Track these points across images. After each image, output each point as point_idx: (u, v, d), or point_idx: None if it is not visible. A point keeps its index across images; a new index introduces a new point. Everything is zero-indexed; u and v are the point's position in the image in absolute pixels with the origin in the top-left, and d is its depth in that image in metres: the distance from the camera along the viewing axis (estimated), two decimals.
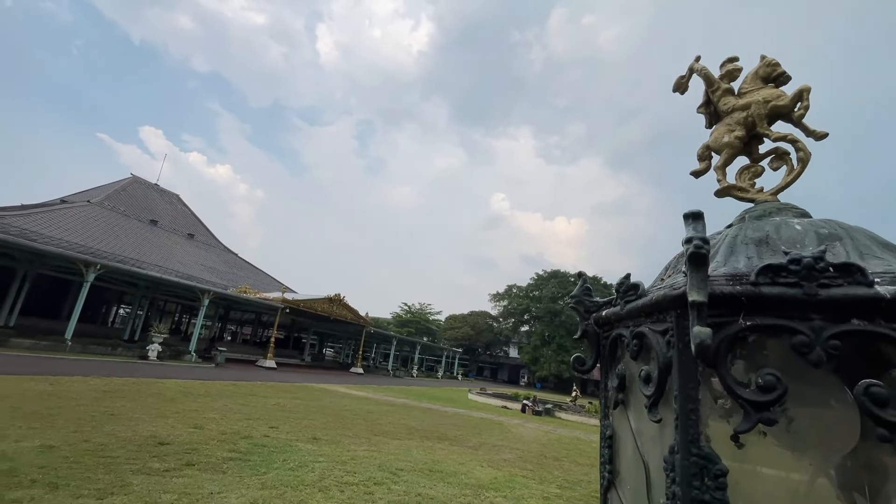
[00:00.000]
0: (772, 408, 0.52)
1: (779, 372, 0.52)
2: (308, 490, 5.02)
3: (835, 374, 0.53)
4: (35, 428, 5.99)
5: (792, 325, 0.53)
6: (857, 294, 0.51)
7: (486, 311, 70.99)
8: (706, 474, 0.53)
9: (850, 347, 0.50)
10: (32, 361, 13.80)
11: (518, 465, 8.22)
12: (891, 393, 0.47)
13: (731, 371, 0.55)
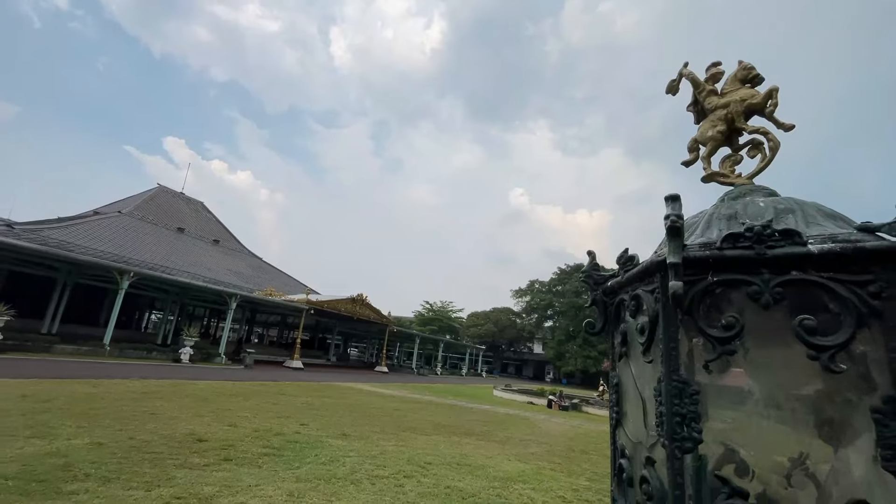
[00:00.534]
0: (732, 342, 0.68)
1: (738, 314, 0.67)
2: (340, 483, 5.17)
3: (781, 314, 0.68)
4: (84, 427, 6.32)
5: (747, 279, 0.69)
6: (794, 252, 0.66)
7: (508, 308, 70.74)
8: (684, 394, 0.68)
9: (792, 293, 0.66)
10: (76, 366, 14.49)
11: (546, 458, 8.23)
12: (818, 324, 0.63)
13: (702, 316, 0.72)
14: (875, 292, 0.60)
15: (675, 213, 0.75)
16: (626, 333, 0.85)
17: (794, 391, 0.69)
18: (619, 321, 0.86)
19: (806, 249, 0.64)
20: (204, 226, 47.01)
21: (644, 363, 0.79)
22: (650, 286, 0.78)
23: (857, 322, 0.61)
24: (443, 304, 76.48)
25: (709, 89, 1.00)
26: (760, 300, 0.66)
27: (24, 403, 7.48)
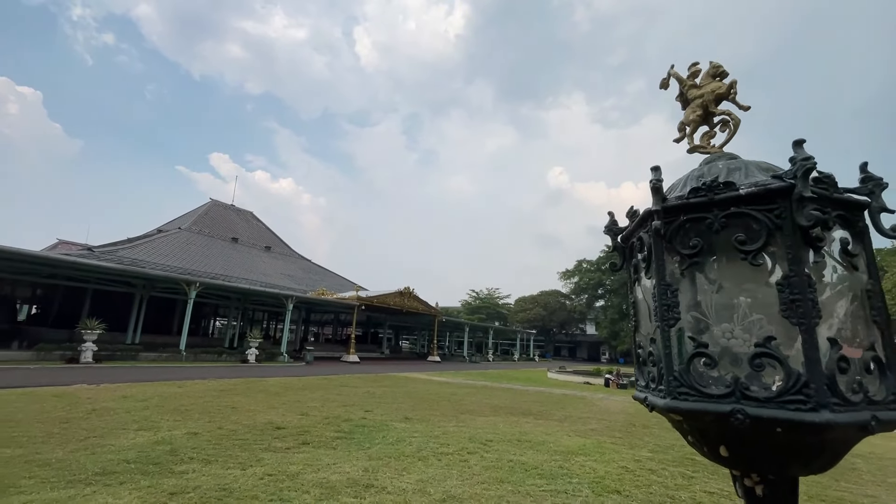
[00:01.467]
0: (696, 255, 1.00)
1: (699, 239, 1.00)
2: (409, 460, 5.51)
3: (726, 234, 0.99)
4: (179, 420, 7.07)
5: (704, 215, 1.00)
6: (731, 195, 0.96)
7: (556, 290, 69.73)
8: (668, 291, 1.00)
9: (732, 221, 0.97)
10: (160, 371, 15.94)
11: (606, 433, 8.25)
12: (746, 237, 0.92)
13: (679, 242, 1.03)
14: (777, 214, 0.90)
15: (655, 178, 1.09)
16: (636, 265, 1.10)
17: (735, 281, 0.99)
18: (632, 258, 1.10)
19: (737, 193, 0.95)
20: (255, 234, 49.55)
21: (646, 281, 1.13)
22: (646, 229, 1.11)
23: (767, 234, 0.91)
24: (489, 292, 76.59)
25: (689, 84, 1.22)
26: (713, 228, 0.99)
27: (126, 403, 8.43)
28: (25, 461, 4.59)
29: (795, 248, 0.84)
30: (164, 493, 3.90)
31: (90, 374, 13.15)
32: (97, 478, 4.21)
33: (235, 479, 4.40)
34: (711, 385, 0.83)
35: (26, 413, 7.01)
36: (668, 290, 0.95)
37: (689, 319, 0.93)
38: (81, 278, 24.59)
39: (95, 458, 4.80)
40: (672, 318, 0.94)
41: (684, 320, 0.94)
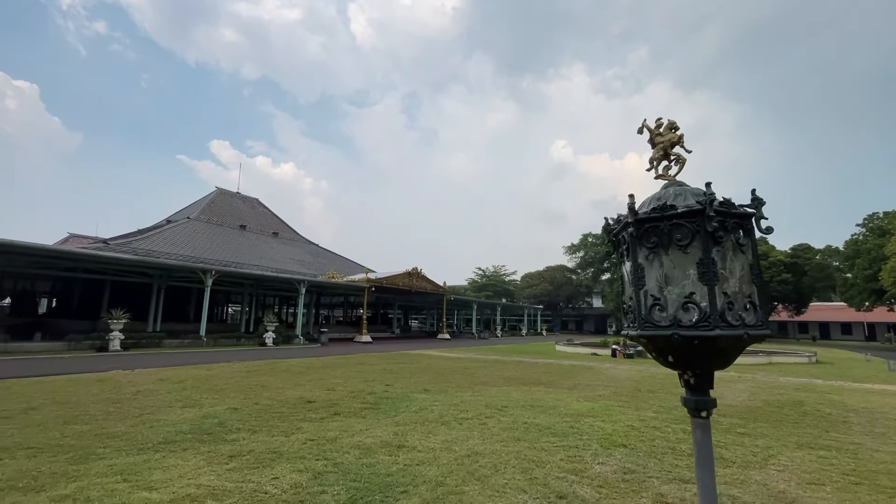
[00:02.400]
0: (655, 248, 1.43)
1: (657, 238, 1.43)
2: (433, 424, 6.06)
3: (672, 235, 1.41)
4: (217, 398, 7.68)
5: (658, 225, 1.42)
6: (673, 213, 1.40)
7: (562, 265, 70.16)
8: (639, 269, 1.48)
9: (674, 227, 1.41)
10: (185, 356, 16.69)
11: (613, 398, 8.78)
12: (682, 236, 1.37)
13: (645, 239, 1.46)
14: (697, 224, 1.33)
15: (631, 202, 1.52)
16: (621, 252, 1.58)
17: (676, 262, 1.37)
18: (618, 248, 1.51)
19: (676, 211, 1.38)
20: (262, 220, 50.00)
21: (627, 262, 1.59)
22: (627, 231, 1.55)
23: (692, 235, 1.33)
24: (495, 269, 77.22)
25: (655, 133, 1.60)
26: (664, 231, 1.40)
27: (164, 385, 9.07)
28: (95, 434, 5.17)
29: (706, 243, 1.23)
30: (223, 456, 4.46)
31: (122, 361, 13.88)
32: (162, 446, 4.78)
33: (282, 444, 4.95)
34: (661, 321, 1.25)
35: (80, 396, 7.64)
36: (639, 269, 1.39)
37: (651, 285, 1.30)
38: (99, 270, 25.30)
39: (155, 431, 5.38)
40: (641, 285, 1.37)
41: (648, 286, 1.32)
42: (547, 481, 3.97)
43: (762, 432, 6.13)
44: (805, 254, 49.12)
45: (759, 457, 4.95)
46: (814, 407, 8.25)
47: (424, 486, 3.76)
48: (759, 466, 4.61)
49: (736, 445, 5.40)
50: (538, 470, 4.27)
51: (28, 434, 5.12)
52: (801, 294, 47.85)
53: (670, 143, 1.54)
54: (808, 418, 7.20)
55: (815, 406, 8.34)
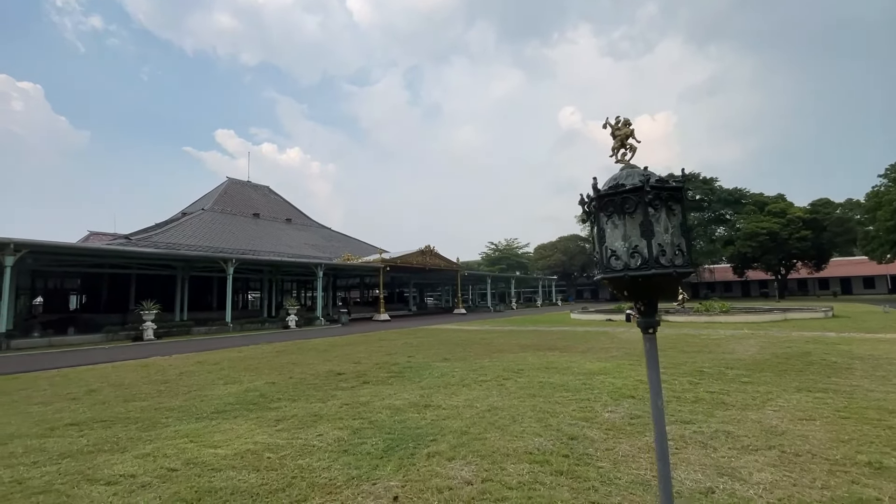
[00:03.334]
0: (611, 215, 1.75)
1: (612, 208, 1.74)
2: (455, 387, 6.57)
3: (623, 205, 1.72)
4: (254, 375, 8.31)
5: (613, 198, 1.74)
6: (623, 189, 1.70)
7: (575, 235, 69.91)
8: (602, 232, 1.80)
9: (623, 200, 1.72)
10: (214, 341, 17.57)
11: (625, 358, 9.20)
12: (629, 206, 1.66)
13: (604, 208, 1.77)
14: (639, 197, 1.62)
15: (594, 182, 1.85)
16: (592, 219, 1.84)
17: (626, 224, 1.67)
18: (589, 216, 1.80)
19: (625, 188, 1.66)
20: (275, 207, 50.69)
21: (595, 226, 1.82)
22: (592, 204, 1.82)
23: (636, 205, 1.61)
24: (508, 243, 77.37)
25: (615, 128, 1.89)
26: (617, 203, 1.69)
27: (203, 367, 9.76)
28: (154, 409, 5.79)
29: (645, 210, 1.52)
30: (271, 420, 5.02)
31: (158, 349, 14.75)
32: (215, 415, 5.36)
33: (320, 409, 5.50)
34: (616, 267, 1.59)
35: (130, 379, 8.34)
36: (601, 231, 1.68)
37: (609, 241, 1.62)
38: (125, 265, 26.31)
39: (206, 403, 5.98)
40: (602, 241, 1.63)
41: (608, 242, 1.62)
42: (560, 427, 4.43)
43: (765, 380, 6.51)
44: (825, 209, 48.11)
45: (757, 401, 5.34)
46: (820, 357, 8.56)
47: (451, 434, 4.25)
48: (757, 408, 5.01)
49: (738, 392, 5.78)
50: (552, 419, 4.73)
51: (97, 410, 5.76)
52: (821, 250, 47.10)
53: (625, 136, 1.85)
54: (813, 367, 7.53)
55: (821, 356, 8.64)
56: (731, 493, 2.93)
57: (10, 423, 5.26)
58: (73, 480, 3.38)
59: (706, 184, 53.27)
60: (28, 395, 7.05)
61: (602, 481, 3.14)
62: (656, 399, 1.70)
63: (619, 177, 1.66)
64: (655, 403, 1.70)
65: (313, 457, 3.76)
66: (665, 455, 1.68)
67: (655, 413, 1.71)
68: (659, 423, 1.69)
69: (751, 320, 18.71)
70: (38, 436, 4.68)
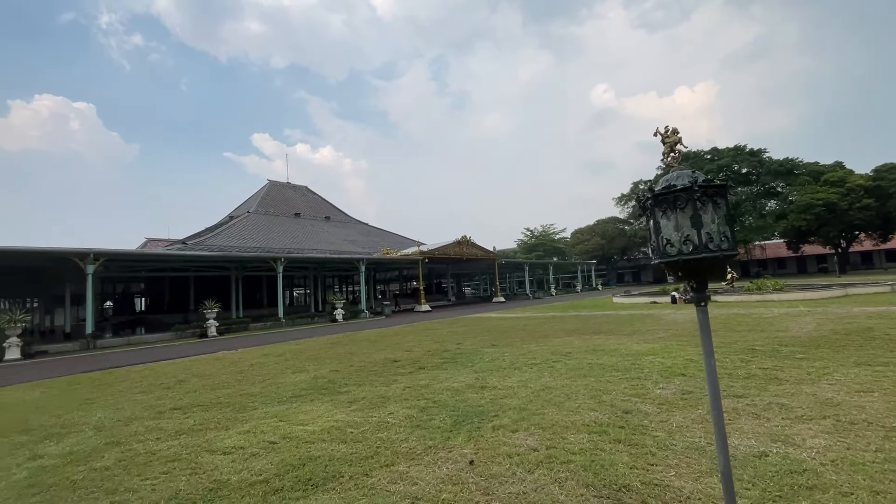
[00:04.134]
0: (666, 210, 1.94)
1: (666, 204, 1.94)
2: (507, 370, 6.92)
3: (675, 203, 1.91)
4: (317, 364, 8.99)
5: (667, 196, 1.93)
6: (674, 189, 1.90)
7: (613, 217, 68.14)
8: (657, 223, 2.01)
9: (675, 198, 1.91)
10: (271, 335, 18.74)
11: (673, 339, 9.23)
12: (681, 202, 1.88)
13: (658, 205, 1.97)
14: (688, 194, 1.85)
15: (650, 186, 2.08)
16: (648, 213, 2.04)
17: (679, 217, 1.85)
18: (645, 212, 2.02)
19: (676, 188, 1.83)
20: (313, 206, 52.42)
21: (651, 220, 2.02)
22: (648, 200, 1.98)
23: (686, 201, 1.80)
24: (544, 228, 76.49)
25: (665, 136, 2.09)
26: (670, 200, 1.87)
27: (269, 359, 10.60)
28: (239, 395, 6.49)
29: (693, 205, 1.75)
30: (343, 403, 5.56)
31: (223, 344, 15.95)
32: (293, 399, 5.98)
33: (385, 391, 6.01)
34: (671, 253, 1.84)
35: (209, 370, 9.24)
36: (657, 223, 1.87)
37: (665, 232, 1.88)
38: (184, 268, 28.23)
39: (281, 390, 6.64)
40: (658, 232, 1.86)
41: (663, 233, 1.87)
42: (614, 403, 4.70)
43: (821, 356, 6.46)
44: (889, 174, 44.44)
45: (813, 375, 5.38)
46: (883, 332, 8.28)
47: (511, 411, 4.62)
48: (812, 382, 5.06)
49: (792, 368, 5.81)
50: (605, 396, 5.00)
51: (192, 397, 6.53)
52: (887, 219, 43.67)
53: (674, 143, 2.08)
54: (875, 342, 7.34)
55: (885, 331, 8.36)
56: (785, 455, 3.13)
57: (125, 408, 6.09)
58: (194, 451, 4.00)
59: (753, 156, 50.40)
60: (128, 386, 8.01)
61: (659, 447, 3.41)
62: (709, 359, 1.97)
63: (671, 178, 1.92)
64: (708, 363, 1.97)
65: (390, 431, 4.23)
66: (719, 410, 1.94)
67: (708, 371, 1.98)
68: (713, 385, 1.96)
69: (807, 297, 17.92)
70: (151, 418, 5.43)
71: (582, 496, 2.73)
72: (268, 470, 3.42)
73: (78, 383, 8.80)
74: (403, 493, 2.89)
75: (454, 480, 3.04)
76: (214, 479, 3.33)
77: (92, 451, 4.26)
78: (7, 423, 5.68)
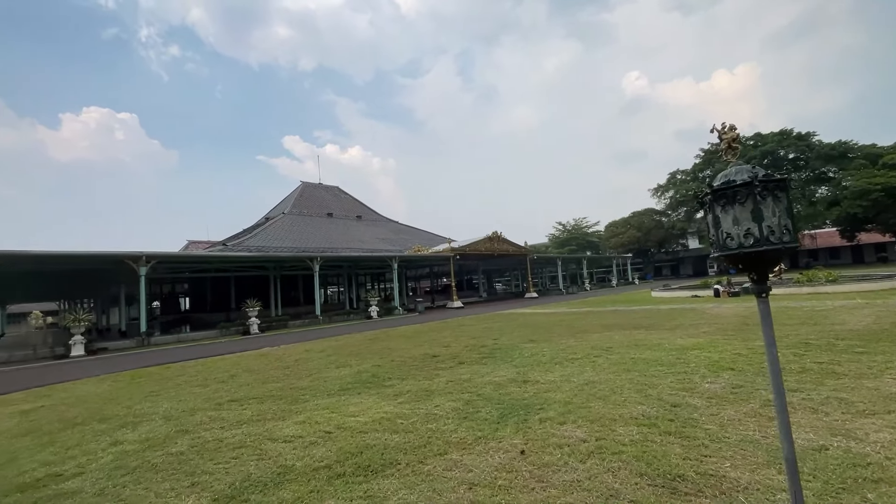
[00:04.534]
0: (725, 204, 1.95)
1: (725, 199, 1.96)
2: (547, 364, 6.94)
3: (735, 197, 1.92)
4: (358, 359, 9.28)
5: (727, 191, 1.93)
6: (733, 185, 1.90)
7: (650, 208, 66.05)
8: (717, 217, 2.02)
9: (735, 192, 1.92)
10: (310, 332, 19.35)
11: (719, 334, 8.97)
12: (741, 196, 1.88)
13: (717, 200, 1.98)
14: (748, 189, 1.86)
15: (709, 182, 2.08)
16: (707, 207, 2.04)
17: (738, 212, 1.87)
18: (703, 206, 2.02)
19: (735, 183, 1.84)
20: (345, 206, 53.50)
21: (709, 214, 2.03)
22: (707, 196, 2.01)
23: (746, 195, 1.81)
24: (576, 222, 75.12)
25: (722, 133, 2.09)
26: (728, 195, 1.89)
27: (312, 354, 11.01)
28: (290, 388, 6.82)
29: (754, 199, 1.76)
30: (389, 395, 5.75)
31: (266, 341, 16.64)
32: (341, 392, 6.23)
33: (429, 385, 6.17)
34: (732, 246, 1.86)
35: (257, 365, 9.71)
36: (716, 217, 1.89)
37: (724, 226, 1.89)
38: (225, 269, 29.49)
39: (328, 383, 6.92)
40: (718, 226, 1.88)
41: (722, 227, 1.88)
42: (661, 397, 4.66)
43: (882, 350, 6.15)
44: None
45: (874, 370, 5.14)
46: None
47: (555, 404, 4.67)
48: (874, 377, 4.85)
49: (850, 363, 5.57)
50: (651, 390, 4.96)
51: (245, 390, 6.91)
52: None
53: (732, 139, 2.09)
54: None
55: None
56: (847, 449, 3.06)
57: (186, 400, 6.52)
58: (257, 439, 4.27)
59: (801, 140, 47.66)
60: (186, 380, 8.53)
61: (711, 440, 3.39)
62: (771, 349, 1.98)
63: (730, 174, 1.94)
64: (770, 352, 1.98)
65: (439, 422, 4.37)
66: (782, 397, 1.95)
67: (770, 360, 1.99)
68: (775, 374, 1.96)
69: (865, 289, 16.90)
70: (211, 409, 5.80)
71: (636, 485, 2.77)
72: (328, 457, 3.63)
73: (140, 377, 9.45)
74: (460, 479, 3.01)
75: (508, 468, 3.14)
76: (280, 464, 3.56)
77: (165, 438, 4.62)
78: (86, 413, 6.20)
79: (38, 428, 5.59)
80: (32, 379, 10.88)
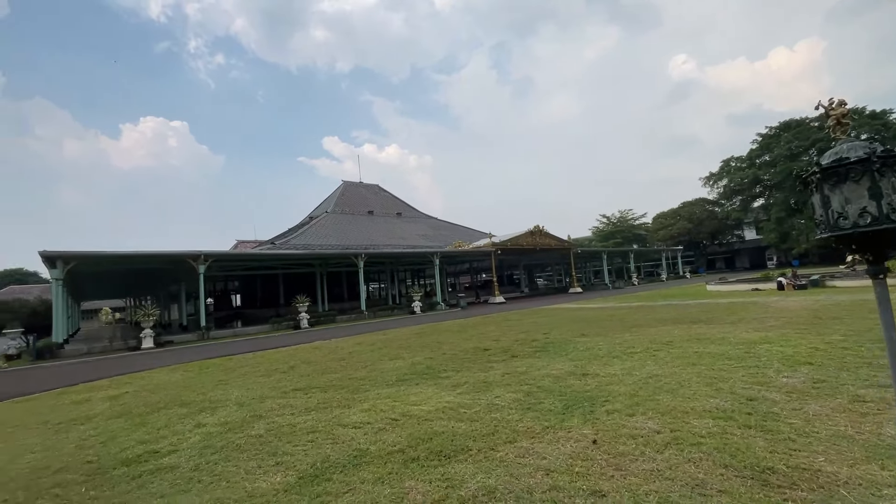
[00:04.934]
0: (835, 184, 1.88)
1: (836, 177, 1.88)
2: (604, 359, 6.80)
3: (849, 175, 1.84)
4: (410, 352, 9.46)
5: (838, 169, 1.87)
6: (846, 161, 1.81)
7: (701, 198, 62.77)
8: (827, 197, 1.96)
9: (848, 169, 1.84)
10: (358, 327, 19.89)
11: (789, 328, 8.43)
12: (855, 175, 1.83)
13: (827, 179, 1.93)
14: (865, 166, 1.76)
15: (817, 161, 2.00)
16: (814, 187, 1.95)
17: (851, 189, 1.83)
18: (807, 186, 1.95)
19: (849, 160, 1.77)
20: (385, 203, 54.43)
21: (817, 194, 1.96)
22: (815, 174, 1.94)
23: (861, 173, 1.74)
24: (622, 214, 72.64)
25: (831, 108, 1.98)
26: (841, 173, 1.83)
27: (362, 347, 11.33)
28: (348, 378, 7.06)
29: (871, 176, 1.66)
30: (447, 386, 5.84)
31: (317, 335, 17.26)
32: (399, 382, 6.39)
33: (485, 377, 6.20)
34: (845, 226, 1.76)
35: (313, 357, 10.11)
36: (825, 197, 1.83)
37: (835, 206, 1.79)
38: (274, 266, 30.77)
39: (385, 374, 7.10)
40: (827, 206, 1.80)
41: (833, 206, 1.78)
42: (734, 390, 4.46)
43: None
44: None
45: None
46: None
47: (621, 397, 4.57)
48: None
49: None
50: (721, 384, 4.76)
51: (307, 380, 7.22)
52: None
53: (841, 115, 1.98)
54: None
55: None
56: None
57: (254, 389, 6.91)
58: (328, 425, 4.47)
59: (875, 118, 43.66)
60: (248, 370, 9.02)
61: (798, 434, 3.22)
62: (889, 332, 1.86)
63: (841, 151, 1.85)
64: (889, 336, 1.86)
65: (502, 412, 4.40)
66: None
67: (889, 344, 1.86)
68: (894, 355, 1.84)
69: None
70: (279, 397, 6.12)
71: (722, 476, 2.68)
72: (400, 442, 3.75)
73: (207, 367, 10.08)
74: (535, 466, 3.03)
75: (582, 457, 3.12)
76: (355, 447, 3.71)
77: (242, 422, 4.92)
78: (167, 399, 6.71)
79: (128, 411, 6.11)
80: (112, 368, 11.88)
